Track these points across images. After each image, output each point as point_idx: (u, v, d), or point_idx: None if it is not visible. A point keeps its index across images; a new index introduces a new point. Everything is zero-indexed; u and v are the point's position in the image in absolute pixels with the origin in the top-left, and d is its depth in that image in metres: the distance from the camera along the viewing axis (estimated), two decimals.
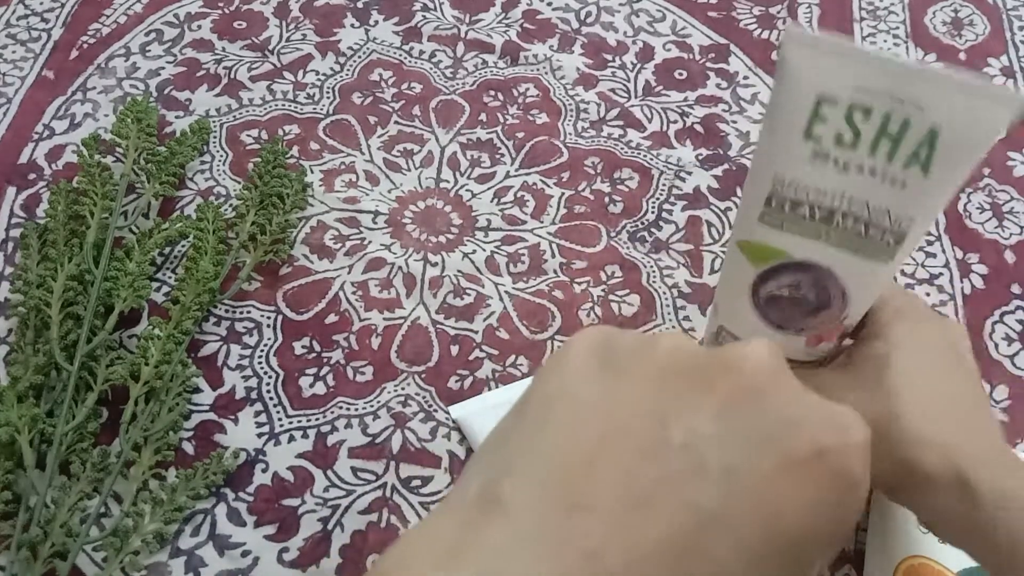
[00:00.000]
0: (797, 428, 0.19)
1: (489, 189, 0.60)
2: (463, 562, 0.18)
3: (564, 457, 0.19)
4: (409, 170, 0.61)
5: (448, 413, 0.50)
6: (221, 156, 0.62)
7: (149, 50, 0.68)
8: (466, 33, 0.70)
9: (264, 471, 0.48)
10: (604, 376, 0.21)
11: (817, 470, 0.19)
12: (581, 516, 0.18)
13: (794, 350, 0.40)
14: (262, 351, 0.53)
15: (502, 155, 0.62)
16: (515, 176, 0.61)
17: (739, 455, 0.19)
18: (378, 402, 0.51)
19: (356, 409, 0.51)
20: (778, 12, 0.73)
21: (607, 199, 0.60)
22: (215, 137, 0.63)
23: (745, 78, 0.68)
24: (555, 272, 0.56)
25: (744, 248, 0.38)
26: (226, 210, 0.58)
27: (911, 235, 0.34)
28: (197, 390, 0.51)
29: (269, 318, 0.54)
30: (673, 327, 0.54)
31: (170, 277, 0.56)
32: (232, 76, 0.66)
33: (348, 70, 0.67)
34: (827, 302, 0.36)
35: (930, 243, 0.59)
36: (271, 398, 0.51)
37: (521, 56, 0.68)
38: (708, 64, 0.69)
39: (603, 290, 0.56)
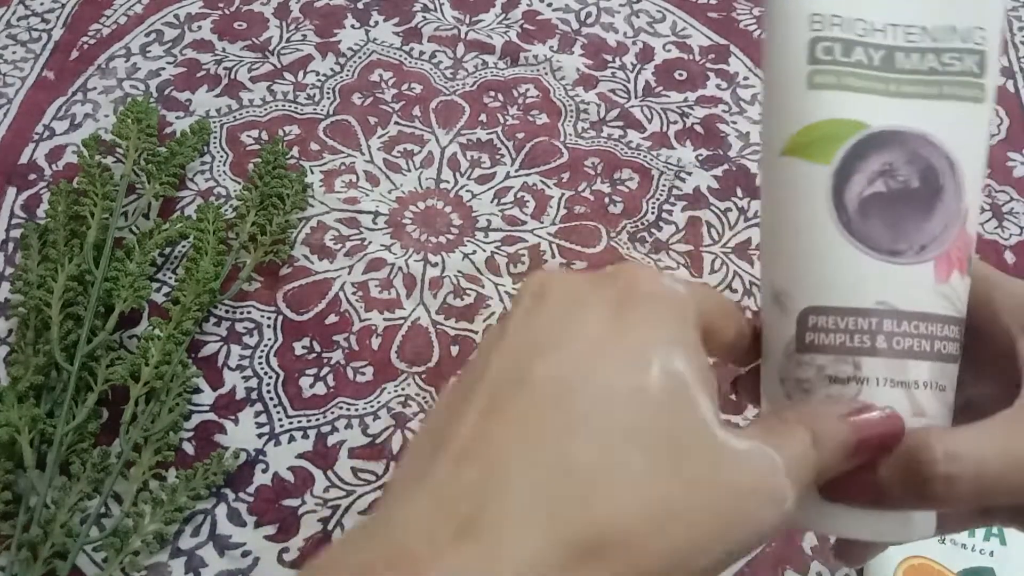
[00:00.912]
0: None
1: (489, 190, 0.60)
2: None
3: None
4: (409, 171, 0.61)
5: None
6: (221, 157, 0.62)
7: (149, 51, 0.68)
8: (466, 34, 0.70)
9: (264, 471, 0.48)
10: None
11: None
12: (448, 431, 0.21)
13: (923, 299, 0.27)
14: (262, 351, 0.53)
15: (502, 156, 0.62)
16: (515, 177, 0.61)
17: (546, 336, 0.22)
18: (378, 402, 0.51)
19: (356, 409, 0.51)
20: None
21: (607, 200, 0.60)
22: (215, 138, 0.63)
23: (745, 79, 0.68)
24: None
25: (800, 147, 0.27)
26: (226, 210, 0.58)
27: (990, 52, 0.28)
28: (197, 390, 0.51)
29: (269, 318, 0.54)
30: None
31: (170, 277, 0.56)
32: (232, 77, 0.67)
33: (348, 71, 0.67)
34: (937, 184, 0.27)
35: None
36: (271, 398, 0.51)
37: (521, 57, 0.68)
38: (708, 65, 0.69)
39: None
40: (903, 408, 0.25)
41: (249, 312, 0.54)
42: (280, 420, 0.50)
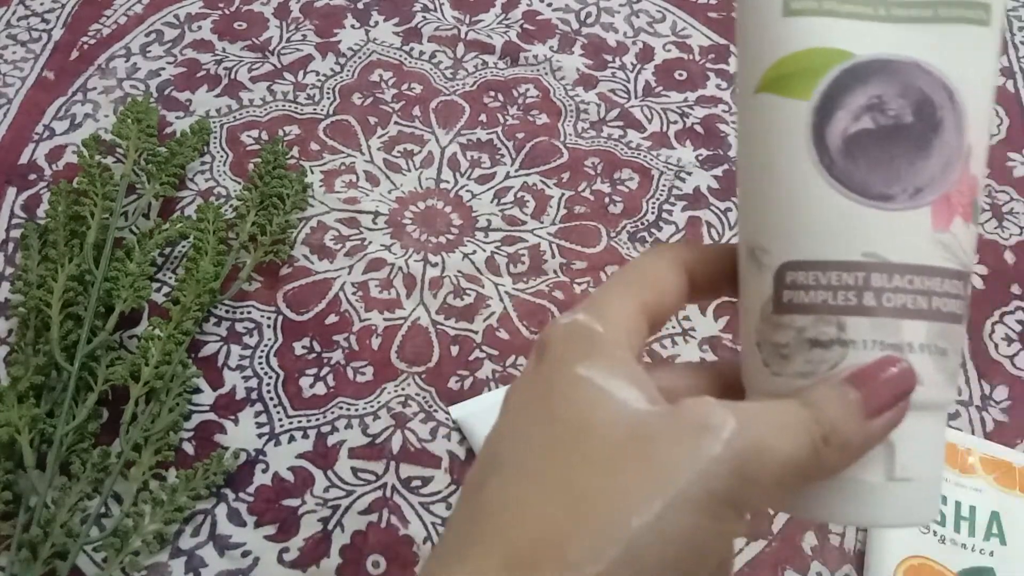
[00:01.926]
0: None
1: (489, 190, 0.60)
2: None
3: None
4: (409, 171, 0.61)
5: (448, 413, 0.50)
6: (221, 157, 0.62)
7: (149, 51, 0.68)
8: (466, 34, 0.70)
9: (264, 471, 0.48)
10: None
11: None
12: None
13: (919, 249, 0.23)
14: (262, 351, 0.53)
15: (502, 156, 0.62)
16: (515, 177, 0.61)
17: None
18: (378, 402, 0.51)
19: (356, 409, 0.51)
20: None
21: (607, 199, 0.60)
22: (215, 138, 0.63)
23: None
24: (555, 272, 0.56)
25: (776, 82, 0.24)
26: (226, 211, 0.58)
27: None
28: (197, 390, 0.51)
29: (269, 318, 0.54)
30: (672, 327, 0.54)
31: (170, 277, 0.56)
32: (232, 77, 0.67)
33: (348, 71, 0.67)
34: (934, 118, 0.23)
35: None
36: (271, 398, 0.51)
37: (521, 57, 0.68)
38: (708, 65, 0.69)
39: None
40: None
41: (249, 312, 0.54)
42: (280, 420, 0.50)
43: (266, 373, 0.52)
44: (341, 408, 0.51)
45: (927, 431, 0.24)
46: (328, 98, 0.65)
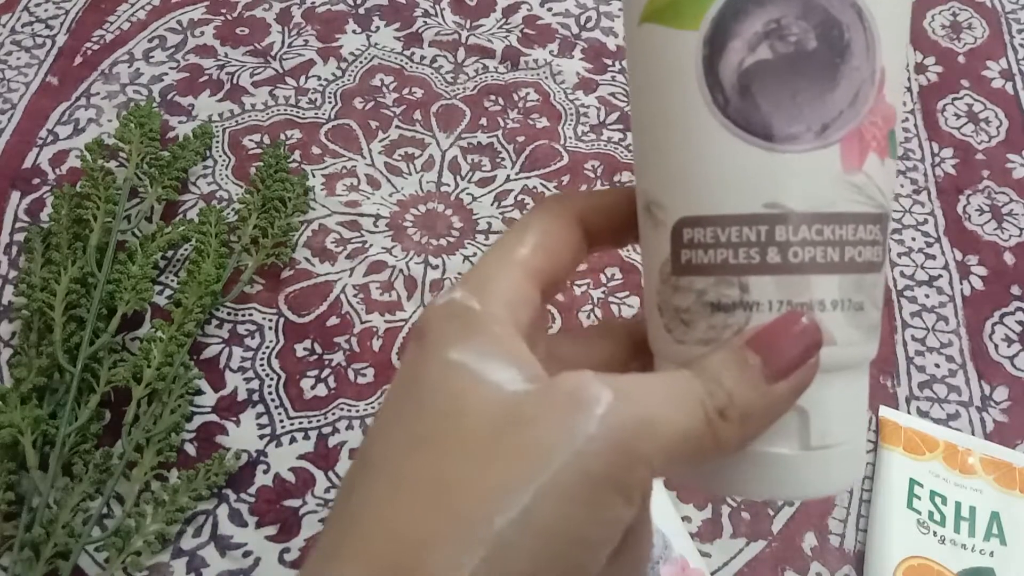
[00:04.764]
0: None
1: (490, 192, 0.61)
2: None
3: None
4: (410, 174, 0.62)
5: None
6: (223, 160, 0.62)
7: (152, 56, 0.69)
8: (467, 38, 0.70)
9: (265, 472, 0.49)
10: None
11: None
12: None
13: (827, 195, 0.20)
14: (264, 353, 0.53)
15: (503, 159, 0.63)
16: (515, 180, 0.62)
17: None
18: (379, 404, 0.51)
19: (357, 410, 0.51)
20: None
21: None
22: (217, 142, 0.63)
23: None
24: None
25: (661, 10, 0.21)
26: (228, 214, 0.59)
27: None
28: (199, 392, 0.51)
29: (271, 321, 0.54)
30: None
31: (173, 280, 0.56)
32: (235, 82, 0.67)
33: (350, 75, 0.68)
34: (841, 41, 0.20)
35: (929, 244, 0.59)
36: (272, 400, 0.51)
37: (521, 61, 0.69)
38: None
39: (603, 292, 0.56)
40: None
41: (251, 314, 0.54)
42: (281, 421, 0.50)
43: (267, 375, 0.52)
44: (342, 409, 0.51)
45: (844, 393, 0.22)
46: (330, 102, 0.66)
